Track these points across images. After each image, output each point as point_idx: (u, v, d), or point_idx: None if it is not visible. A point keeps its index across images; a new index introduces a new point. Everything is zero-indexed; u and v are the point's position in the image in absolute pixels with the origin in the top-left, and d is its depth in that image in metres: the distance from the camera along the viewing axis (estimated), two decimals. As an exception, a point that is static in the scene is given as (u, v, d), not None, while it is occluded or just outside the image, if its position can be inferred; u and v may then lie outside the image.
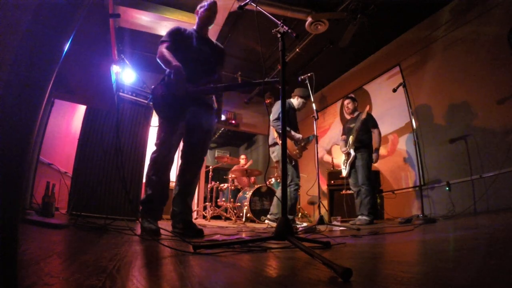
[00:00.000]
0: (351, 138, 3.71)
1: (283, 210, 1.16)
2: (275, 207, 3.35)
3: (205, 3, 2.20)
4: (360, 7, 3.97)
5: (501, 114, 3.25)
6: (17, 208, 0.43)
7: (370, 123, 3.73)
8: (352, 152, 3.67)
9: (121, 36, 4.83)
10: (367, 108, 3.74)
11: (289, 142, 3.30)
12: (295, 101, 3.55)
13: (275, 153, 3.37)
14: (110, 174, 2.76)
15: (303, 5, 4.11)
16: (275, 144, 3.37)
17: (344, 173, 3.78)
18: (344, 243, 1.39)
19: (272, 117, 3.37)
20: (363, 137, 3.68)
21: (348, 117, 4.06)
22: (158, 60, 1.96)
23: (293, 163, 3.32)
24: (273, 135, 3.39)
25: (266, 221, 3.36)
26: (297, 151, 3.34)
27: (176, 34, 2.09)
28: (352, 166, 3.69)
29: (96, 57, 1.29)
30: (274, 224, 3.09)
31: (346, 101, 3.96)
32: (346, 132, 3.90)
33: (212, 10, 2.17)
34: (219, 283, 0.63)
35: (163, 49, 1.96)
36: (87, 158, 2.71)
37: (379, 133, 3.70)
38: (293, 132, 3.36)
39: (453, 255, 1.06)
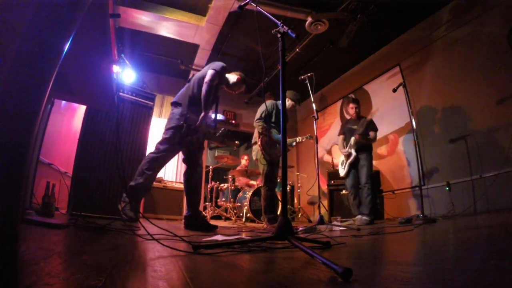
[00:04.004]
0: (352, 139, 3.70)
1: (283, 210, 1.16)
2: (264, 212, 3.39)
3: (247, 81, 2.81)
4: (360, 7, 3.97)
5: (501, 114, 3.25)
6: (17, 208, 0.43)
7: (370, 128, 3.76)
8: (354, 153, 3.67)
9: (121, 36, 4.83)
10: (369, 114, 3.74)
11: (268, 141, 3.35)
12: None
13: (254, 152, 3.50)
14: (110, 174, 2.76)
15: (303, 5, 4.11)
16: (255, 143, 3.47)
17: (343, 173, 3.75)
18: (344, 243, 1.39)
19: (255, 117, 3.44)
20: (365, 139, 3.70)
21: (348, 117, 4.04)
22: (207, 87, 2.34)
23: (268, 162, 3.34)
24: (255, 134, 3.49)
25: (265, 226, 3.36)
26: (275, 151, 3.36)
27: (223, 75, 2.61)
28: (352, 167, 3.68)
29: (96, 57, 1.29)
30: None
31: (351, 105, 3.92)
32: (347, 132, 3.89)
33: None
34: (219, 283, 0.63)
35: (213, 85, 2.41)
36: (87, 158, 2.70)
37: (375, 136, 3.75)
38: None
39: (453, 255, 1.06)
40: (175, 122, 2.34)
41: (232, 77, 2.72)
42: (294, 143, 3.65)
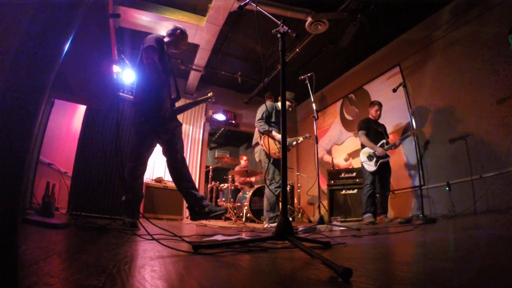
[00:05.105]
0: (383, 143, 3.76)
1: (283, 210, 1.16)
2: (266, 210, 3.38)
3: (186, 31, 2.52)
4: (360, 7, 3.97)
5: (501, 114, 3.25)
6: (17, 208, 0.43)
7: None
8: (389, 155, 3.74)
9: (121, 36, 4.83)
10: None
11: (270, 141, 3.36)
12: (279, 104, 3.69)
13: (257, 153, 3.51)
14: (110, 174, 2.76)
15: (303, 5, 4.11)
16: (257, 144, 3.48)
17: (372, 168, 3.71)
18: (344, 243, 1.39)
19: (256, 117, 3.47)
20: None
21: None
22: (148, 68, 2.10)
23: (271, 161, 3.36)
24: (256, 135, 3.51)
25: (266, 225, 3.36)
26: (277, 150, 3.38)
27: (162, 46, 2.27)
28: (381, 167, 3.71)
29: (96, 57, 1.29)
30: (275, 224, 3.09)
31: (376, 107, 3.99)
32: (372, 131, 3.88)
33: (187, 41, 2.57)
34: (219, 283, 0.63)
35: (156, 60, 2.12)
36: (87, 158, 2.70)
37: None
38: (274, 132, 3.42)
39: (453, 255, 1.06)
40: (137, 122, 2.17)
41: (173, 36, 2.46)
42: (294, 143, 3.67)
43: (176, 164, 2.32)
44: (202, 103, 2.65)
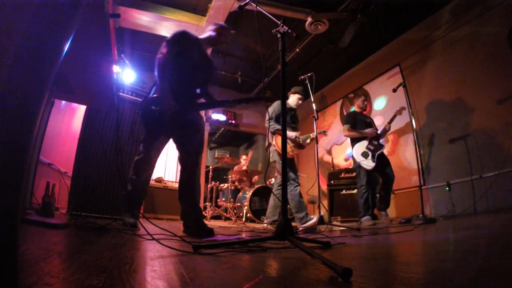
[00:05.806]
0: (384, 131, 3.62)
1: (283, 210, 1.16)
2: (270, 211, 3.34)
3: (224, 25, 2.39)
4: (360, 7, 3.97)
5: (501, 114, 3.25)
6: (17, 208, 0.43)
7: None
8: (385, 144, 3.56)
9: (121, 36, 4.83)
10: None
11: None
12: (289, 100, 3.57)
13: (271, 155, 3.38)
14: (110, 174, 2.76)
15: (303, 5, 4.11)
16: (270, 145, 3.37)
17: (371, 165, 3.48)
18: (344, 243, 1.39)
19: (266, 118, 3.38)
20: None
21: (358, 110, 3.94)
22: (157, 62, 1.99)
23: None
24: (268, 136, 3.41)
25: (265, 225, 3.35)
26: (290, 148, 3.30)
27: (184, 39, 2.14)
28: (379, 161, 3.51)
29: (96, 57, 1.29)
30: (310, 223, 3.05)
31: (362, 98, 3.88)
32: (359, 123, 3.75)
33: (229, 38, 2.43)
34: (219, 283, 0.63)
35: (164, 55, 1.99)
36: (87, 158, 2.70)
37: None
38: None
39: (453, 255, 1.06)
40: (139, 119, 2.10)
41: (209, 32, 2.33)
42: (308, 140, 3.51)
43: (185, 166, 2.10)
44: (256, 101, 2.42)
